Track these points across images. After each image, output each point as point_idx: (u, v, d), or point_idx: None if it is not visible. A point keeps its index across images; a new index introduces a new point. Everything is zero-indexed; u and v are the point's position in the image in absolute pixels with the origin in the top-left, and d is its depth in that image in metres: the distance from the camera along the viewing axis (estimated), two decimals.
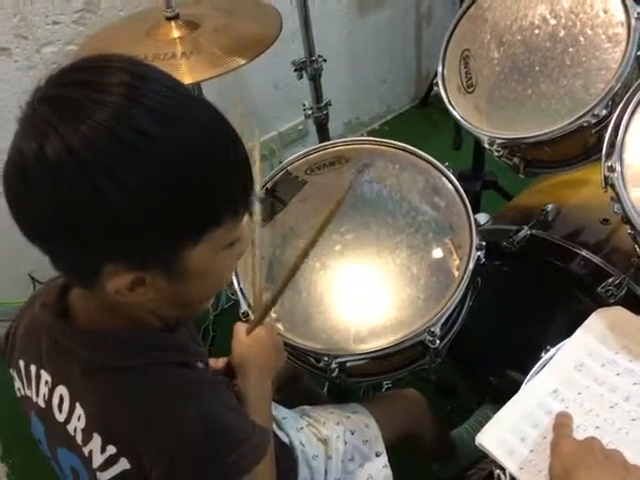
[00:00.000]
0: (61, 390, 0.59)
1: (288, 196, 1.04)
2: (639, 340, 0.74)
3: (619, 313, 0.78)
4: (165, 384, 0.58)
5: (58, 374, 0.60)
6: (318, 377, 1.00)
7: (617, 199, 0.78)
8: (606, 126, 0.84)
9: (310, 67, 1.30)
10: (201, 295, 0.61)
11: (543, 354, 0.79)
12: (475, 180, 1.59)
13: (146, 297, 0.53)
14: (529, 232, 1.07)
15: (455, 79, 1.05)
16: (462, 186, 1.01)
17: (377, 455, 0.94)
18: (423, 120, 2.33)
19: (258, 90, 1.87)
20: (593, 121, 0.89)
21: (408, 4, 2.15)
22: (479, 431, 0.70)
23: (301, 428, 0.93)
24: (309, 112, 1.37)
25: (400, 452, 0.99)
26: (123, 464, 0.56)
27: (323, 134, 1.42)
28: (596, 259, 1.01)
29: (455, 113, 1.02)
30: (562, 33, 0.97)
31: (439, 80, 1.05)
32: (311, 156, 1.09)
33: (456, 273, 0.95)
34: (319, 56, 1.31)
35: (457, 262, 0.98)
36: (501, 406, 0.73)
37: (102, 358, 0.57)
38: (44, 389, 0.61)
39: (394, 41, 2.20)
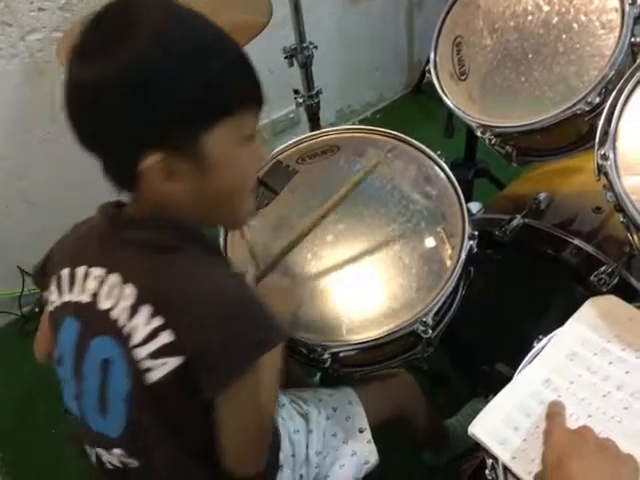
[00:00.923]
0: (113, 278, 0.65)
1: (279, 186, 1.03)
2: (631, 328, 0.74)
3: (611, 302, 0.78)
4: (208, 262, 0.68)
5: (111, 264, 0.66)
6: (310, 368, 1.00)
7: (610, 187, 0.78)
8: (599, 114, 0.83)
9: (301, 54, 1.28)
10: (228, 194, 0.67)
11: (535, 343, 0.79)
12: (467, 168, 1.58)
13: (180, 188, 0.62)
14: (521, 221, 1.07)
15: (448, 66, 1.04)
16: (454, 174, 1.00)
17: (360, 431, 0.94)
18: (416, 108, 2.31)
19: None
20: (586, 109, 0.88)
21: None
22: (470, 421, 0.70)
23: (283, 405, 0.94)
24: (300, 100, 1.36)
25: (392, 438, 1.00)
26: (166, 337, 0.61)
27: (314, 122, 1.40)
28: (589, 248, 1.01)
29: (447, 101, 1.01)
30: (555, 20, 0.96)
31: (431, 67, 1.03)
32: (302, 145, 1.08)
33: (448, 262, 0.94)
34: (310, 43, 1.29)
35: (449, 251, 0.97)
36: (493, 396, 0.73)
37: (154, 237, 0.65)
38: (92, 284, 0.66)
39: (386, 28, 2.18)
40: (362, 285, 0.96)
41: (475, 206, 1.46)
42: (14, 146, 1.51)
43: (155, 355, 0.61)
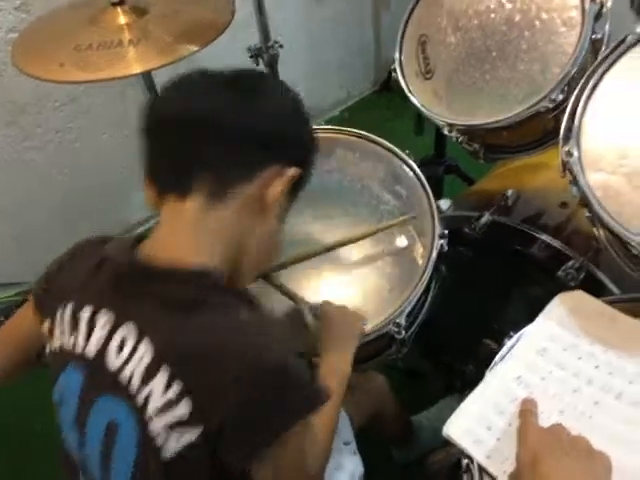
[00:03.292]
0: (125, 329, 0.59)
1: None
2: (599, 323, 0.75)
3: (579, 297, 0.79)
4: (240, 319, 0.60)
5: (125, 312, 0.60)
6: None
7: (575, 183, 0.79)
8: (564, 110, 0.84)
9: (266, 53, 1.27)
10: (256, 254, 0.69)
11: (506, 340, 0.79)
12: (437, 165, 1.59)
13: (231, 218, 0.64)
14: (490, 218, 1.07)
15: (413, 65, 1.04)
16: (424, 171, 1.00)
17: (345, 444, 0.93)
18: (384, 105, 2.31)
19: None
20: (550, 106, 0.89)
21: None
22: (438, 418, 0.70)
23: None
24: None
25: (364, 437, 0.99)
26: (185, 406, 0.55)
27: None
28: (556, 243, 1.02)
29: (414, 99, 1.01)
30: (518, 17, 0.96)
31: (397, 66, 1.03)
32: None
33: (420, 261, 0.94)
34: (275, 42, 1.28)
35: (421, 250, 0.97)
36: (466, 395, 0.73)
37: (179, 291, 0.59)
38: (100, 332, 0.60)
39: (352, 26, 2.18)
40: (334, 287, 0.95)
41: (445, 203, 1.45)
42: None
43: (172, 427, 0.56)
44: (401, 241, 1.02)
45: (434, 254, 0.91)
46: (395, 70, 1.03)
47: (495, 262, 1.06)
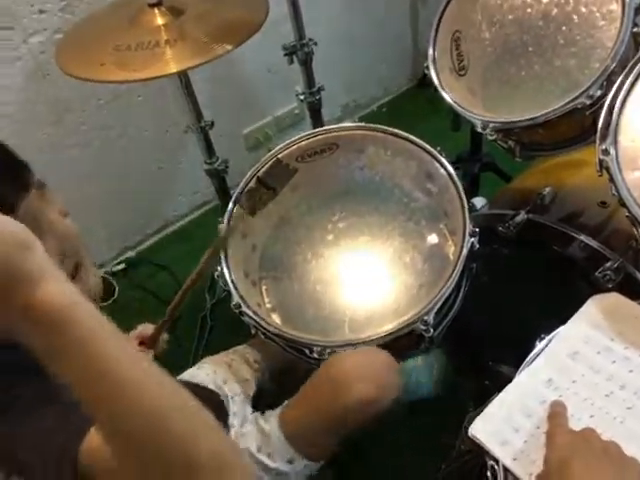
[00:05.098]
0: None
1: (279, 185, 1.02)
2: (635, 327, 0.73)
3: (615, 299, 0.77)
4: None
5: None
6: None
7: (612, 182, 0.76)
8: (602, 107, 0.81)
9: (300, 51, 1.27)
10: None
11: (538, 342, 0.78)
12: (473, 162, 1.56)
13: None
14: (526, 216, 1.05)
15: (447, 61, 1.02)
16: (460, 168, 0.99)
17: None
18: (421, 101, 2.28)
19: (251, 75, 1.84)
20: (588, 102, 0.87)
21: None
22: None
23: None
24: (302, 97, 1.35)
25: None
26: None
27: (317, 119, 1.39)
28: (594, 243, 0.99)
29: (447, 96, 1.00)
30: (555, 11, 0.94)
31: (429, 63, 1.02)
32: (302, 143, 1.07)
33: (451, 259, 0.93)
34: (310, 39, 1.28)
35: (452, 248, 0.96)
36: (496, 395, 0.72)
37: None
38: None
39: (389, 22, 2.16)
40: (364, 284, 0.96)
41: (480, 201, 1.44)
42: (17, 149, 1.52)
43: None
44: (432, 238, 1.02)
45: (464, 252, 0.90)
46: (428, 67, 1.02)
47: (530, 262, 1.04)
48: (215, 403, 0.93)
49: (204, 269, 0.95)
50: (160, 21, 1.06)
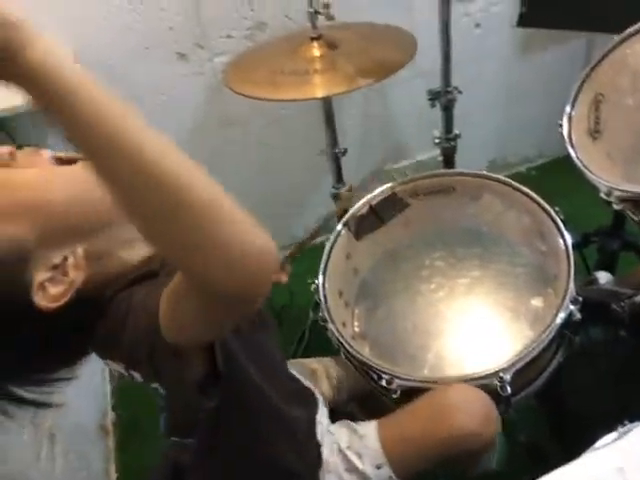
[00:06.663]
0: None
1: (387, 216, 1.06)
2: None
3: None
4: None
5: None
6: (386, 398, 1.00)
7: None
8: None
9: (444, 97, 1.31)
10: None
11: (619, 427, 0.71)
12: (613, 238, 1.45)
13: None
14: None
15: (584, 122, 0.99)
16: (598, 242, 0.95)
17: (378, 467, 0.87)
18: (576, 171, 2.18)
19: (401, 116, 1.91)
20: None
21: (577, 49, 2.04)
22: None
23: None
24: (437, 141, 1.38)
25: None
26: None
27: (449, 165, 1.41)
28: None
29: (573, 153, 0.96)
30: None
31: (564, 120, 0.99)
32: (421, 181, 1.10)
33: (547, 321, 0.89)
34: (455, 87, 1.32)
35: (552, 312, 0.92)
36: None
37: None
38: None
39: (557, 83, 2.10)
40: (457, 331, 0.95)
41: (605, 276, 1.33)
42: (186, 148, 1.75)
43: None
44: (537, 301, 0.98)
45: (560, 315, 0.86)
46: (561, 125, 1.00)
47: (636, 345, 0.95)
48: (309, 393, 0.95)
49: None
50: (317, 52, 1.18)
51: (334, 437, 0.90)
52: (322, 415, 0.95)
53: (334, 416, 1.00)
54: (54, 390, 0.63)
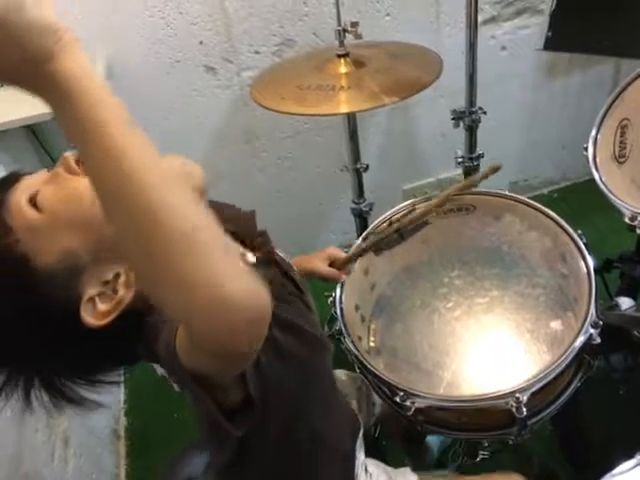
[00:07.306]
0: None
1: (408, 233, 1.06)
2: None
3: None
4: None
5: None
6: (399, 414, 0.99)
7: None
8: None
9: (468, 117, 1.32)
10: None
11: (638, 454, 0.70)
12: (636, 264, 1.43)
13: None
14: None
15: (609, 146, 0.99)
16: (621, 267, 0.95)
17: None
18: (599, 194, 2.16)
19: (424, 135, 1.92)
20: None
21: (602, 74, 2.04)
22: None
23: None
24: (460, 160, 1.38)
25: None
26: None
27: None
28: None
29: (597, 176, 0.96)
30: None
31: (590, 144, 0.99)
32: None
33: (566, 344, 0.88)
34: (480, 108, 1.33)
35: (572, 335, 0.91)
36: None
37: None
38: None
39: (582, 106, 2.10)
40: (475, 350, 0.95)
41: (627, 302, 1.31)
42: (210, 158, 1.77)
43: None
44: (556, 323, 0.97)
45: (580, 339, 0.85)
46: (586, 148, 0.99)
47: None
48: (355, 419, 0.90)
49: (444, 201, 0.95)
50: (343, 70, 1.20)
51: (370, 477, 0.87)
52: (360, 445, 0.90)
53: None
54: (104, 391, 0.64)
